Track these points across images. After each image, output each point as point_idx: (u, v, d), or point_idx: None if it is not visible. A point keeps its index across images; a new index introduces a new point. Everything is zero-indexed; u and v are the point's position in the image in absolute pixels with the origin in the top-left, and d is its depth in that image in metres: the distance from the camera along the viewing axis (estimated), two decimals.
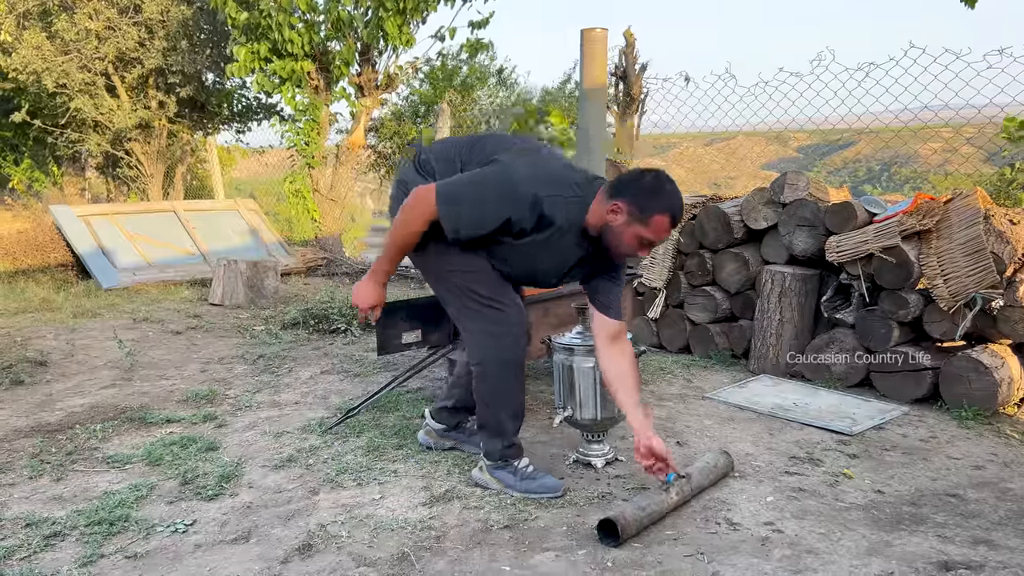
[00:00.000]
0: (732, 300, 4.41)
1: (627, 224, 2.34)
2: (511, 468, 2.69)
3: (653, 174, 2.39)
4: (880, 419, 3.42)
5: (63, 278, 6.87)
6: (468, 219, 2.37)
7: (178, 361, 4.48)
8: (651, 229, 2.34)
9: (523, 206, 2.34)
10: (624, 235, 2.36)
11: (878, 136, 5.35)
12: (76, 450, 3.12)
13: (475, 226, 2.39)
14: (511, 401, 2.65)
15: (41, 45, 8.66)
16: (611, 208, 2.34)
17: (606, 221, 2.37)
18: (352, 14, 7.23)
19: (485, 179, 2.39)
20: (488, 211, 2.36)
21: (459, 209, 2.36)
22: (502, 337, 2.57)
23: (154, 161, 10.02)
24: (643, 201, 2.31)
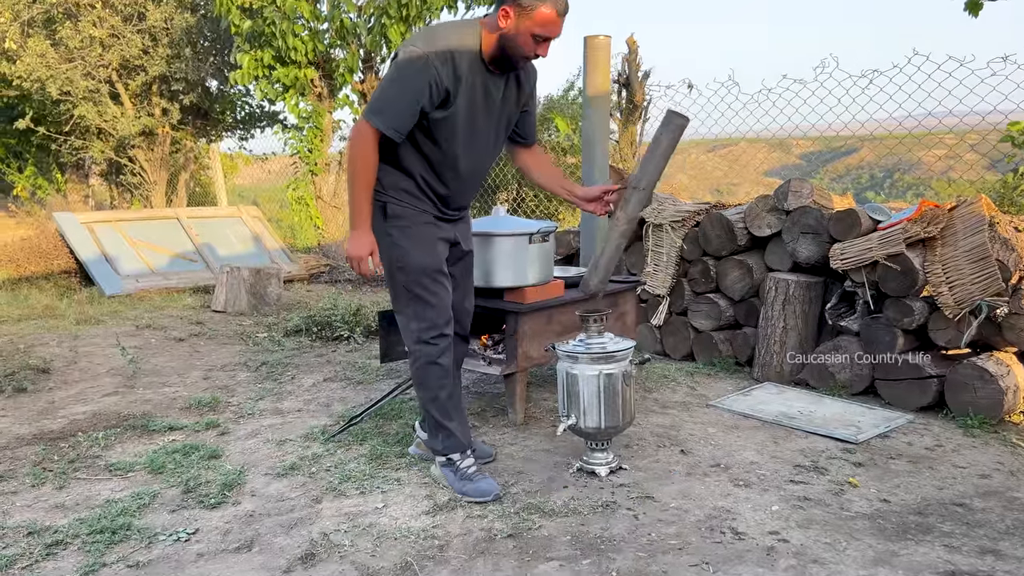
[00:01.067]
0: (736, 307, 4.40)
1: (517, 25, 2.44)
2: (452, 467, 2.78)
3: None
4: (885, 427, 3.40)
5: (66, 285, 6.87)
6: (398, 111, 2.47)
7: (181, 368, 4.47)
8: (539, 23, 2.44)
9: (430, 66, 2.44)
10: (519, 37, 2.46)
11: (881, 143, 5.35)
12: (78, 458, 3.11)
13: (408, 112, 2.48)
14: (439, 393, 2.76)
15: (45, 53, 8.69)
16: (500, 16, 2.45)
17: (500, 32, 2.47)
18: (355, 22, 7.25)
19: (391, 74, 2.50)
20: (409, 91, 2.45)
21: (387, 109, 2.47)
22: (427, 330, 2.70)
23: (157, 168, 10.04)
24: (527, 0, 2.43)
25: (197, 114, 10.18)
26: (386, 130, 2.47)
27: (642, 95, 5.77)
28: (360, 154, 2.51)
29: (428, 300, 2.68)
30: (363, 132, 2.49)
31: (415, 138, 2.59)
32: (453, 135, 2.59)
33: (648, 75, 5.75)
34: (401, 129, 2.49)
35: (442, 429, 2.78)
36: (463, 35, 2.51)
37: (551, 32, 2.48)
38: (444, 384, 2.77)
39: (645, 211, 4.67)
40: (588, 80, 3.17)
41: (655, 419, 3.54)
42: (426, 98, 2.47)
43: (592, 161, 4.43)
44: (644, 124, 5.91)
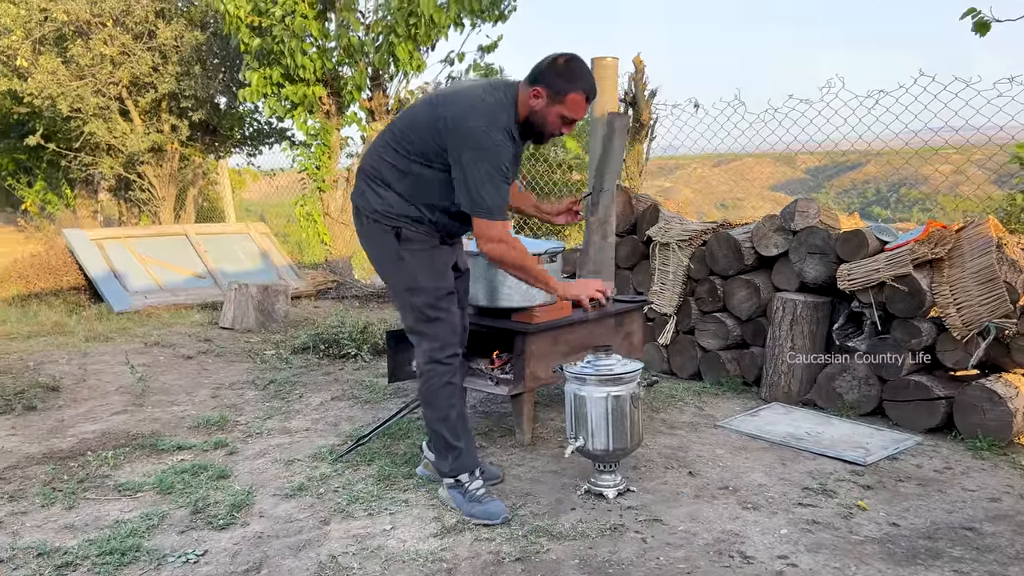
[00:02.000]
0: (743, 327, 4.40)
1: (548, 106, 2.60)
2: (461, 488, 2.79)
3: (566, 58, 2.62)
4: (894, 449, 3.39)
5: (75, 301, 6.91)
6: (501, 197, 2.58)
7: (189, 386, 4.49)
8: (568, 107, 2.60)
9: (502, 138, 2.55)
10: (548, 116, 2.62)
11: (887, 158, 5.35)
12: (88, 477, 3.12)
13: (506, 191, 2.60)
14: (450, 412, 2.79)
15: (56, 70, 8.77)
16: (532, 94, 2.59)
17: (530, 108, 2.61)
18: (363, 40, 7.31)
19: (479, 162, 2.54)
20: (500, 173, 2.56)
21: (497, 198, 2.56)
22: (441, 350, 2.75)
23: (166, 184, 10.10)
24: (559, 84, 2.57)
25: (206, 130, 10.25)
26: (506, 217, 2.61)
27: (648, 114, 5.78)
28: (516, 247, 2.63)
29: (441, 320, 2.75)
30: (500, 230, 2.58)
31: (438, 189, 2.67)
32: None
33: (655, 94, 5.76)
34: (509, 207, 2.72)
35: (452, 449, 2.80)
36: (509, 110, 2.61)
37: (578, 115, 2.64)
38: (454, 404, 2.80)
39: (652, 230, 4.68)
40: (596, 101, 3.19)
41: (663, 440, 3.54)
42: (509, 169, 2.61)
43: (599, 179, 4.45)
44: (650, 142, 5.91)
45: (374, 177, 2.75)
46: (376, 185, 2.73)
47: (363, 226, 2.80)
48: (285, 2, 7.16)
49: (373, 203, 2.73)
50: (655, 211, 4.75)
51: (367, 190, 2.76)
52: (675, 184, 22.97)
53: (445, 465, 2.82)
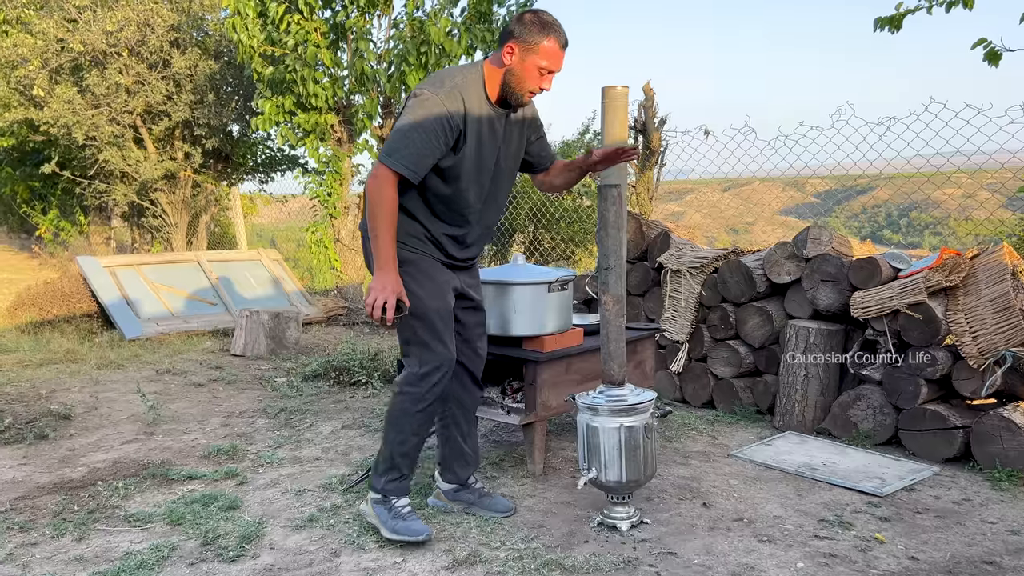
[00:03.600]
0: (756, 354, 4.37)
1: (522, 59, 2.56)
2: (388, 505, 2.78)
3: (532, 10, 2.59)
4: (911, 479, 3.34)
5: (88, 328, 6.94)
6: (416, 151, 2.51)
7: (200, 415, 4.48)
8: (543, 55, 2.56)
9: (444, 113, 2.51)
10: (525, 71, 2.57)
11: (897, 183, 5.34)
12: (98, 508, 3.11)
13: (426, 152, 2.52)
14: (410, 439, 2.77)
15: (72, 99, 8.89)
16: (505, 51, 2.57)
17: (505, 68, 2.58)
18: (375, 69, 7.37)
19: (404, 117, 2.53)
20: (425, 132, 2.50)
21: (403, 150, 2.50)
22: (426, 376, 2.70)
23: (179, 211, 10.18)
24: (531, 34, 2.54)
25: (219, 158, 10.35)
26: (403, 170, 2.51)
27: (658, 141, 5.81)
28: (380, 196, 2.52)
29: (433, 346, 2.70)
30: (381, 174, 2.52)
31: (425, 183, 2.63)
32: (463, 175, 2.66)
33: (664, 121, 5.79)
34: (419, 170, 2.54)
35: (396, 472, 2.79)
36: (468, 75, 2.61)
37: (554, 65, 2.59)
38: (421, 432, 2.78)
39: (663, 257, 4.68)
40: (606, 130, 3.19)
41: (676, 470, 3.51)
42: (441, 138, 2.53)
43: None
44: (661, 169, 5.93)
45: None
46: None
47: (365, 248, 2.79)
48: (298, 32, 7.24)
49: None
50: (666, 238, 4.75)
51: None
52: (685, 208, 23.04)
53: (380, 482, 2.79)
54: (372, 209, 2.53)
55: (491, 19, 7.47)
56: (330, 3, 7.51)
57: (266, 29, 7.39)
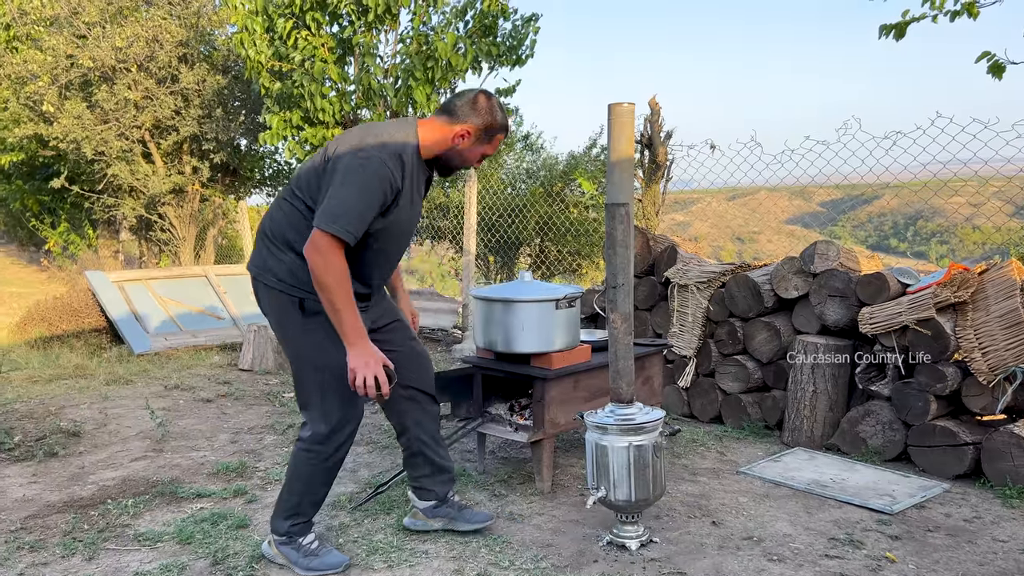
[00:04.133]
0: (764, 370, 4.36)
1: (473, 146, 2.61)
2: (295, 544, 2.70)
3: (484, 96, 2.60)
4: (921, 497, 3.33)
5: (97, 343, 6.97)
6: (358, 215, 2.39)
7: (208, 431, 4.49)
8: (492, 146, 2.66)
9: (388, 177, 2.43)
10: (469, 154, 2.64)
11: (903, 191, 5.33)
12: (108, 527, 3.12)
13: (367, 216, 2.42)
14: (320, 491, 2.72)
15: (82, 114, 8.97)
16: (460, 134, 2.56)
17: (453, 144, 2.58)
18: (382, 83, 7.41)
19: (345, 178, 2.41)
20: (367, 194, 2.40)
21: (345, 215, 2.37)
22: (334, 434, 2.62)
23: (186, 224, 10.24)
24: (489, 128, 2.59)
25: (226, 171, 10.41)
26: (347, 237, 2.37)
27: (664, 155, 5.82)
28: (330, 267, 2.36)
29: (342, 404, 2.59)
30: (326, 245, 2.36)
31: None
32: (388, 235, 2.58)
33: (670, 135, 5.80)
34: (358, 233, 2.41)
35: (300, 518, 2.71)
36: (406, 135, 2.53)
37: (493, 152, 2.72)
38: (331, 481, 2.73)
39: (670, 271, 4.68)
40: (613, 145, 3.21)
41: (685, 487, 3.50)
42: (381, 200, 2.44)
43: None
44: (667, 183, 5.94)
45: (274, 238, 2.59)
46: (276, 248, 2.57)
47: (265, 295, 2.61)
48: (305, 47, 7.29)
49: (275, 269, 2.56)
50: (673, 252, 4.75)
51: (267, 255, 2.59)
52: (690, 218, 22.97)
53: (283, 525, 2.70)
54: (325, 282, 2.37)
55: (496, 33, 7.52)
56: (337, 19, 7.57)
57: (274, 44, 7.45)
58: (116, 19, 9.12)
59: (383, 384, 2.41)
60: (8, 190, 12.66)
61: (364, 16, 7.34)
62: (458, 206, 8.72)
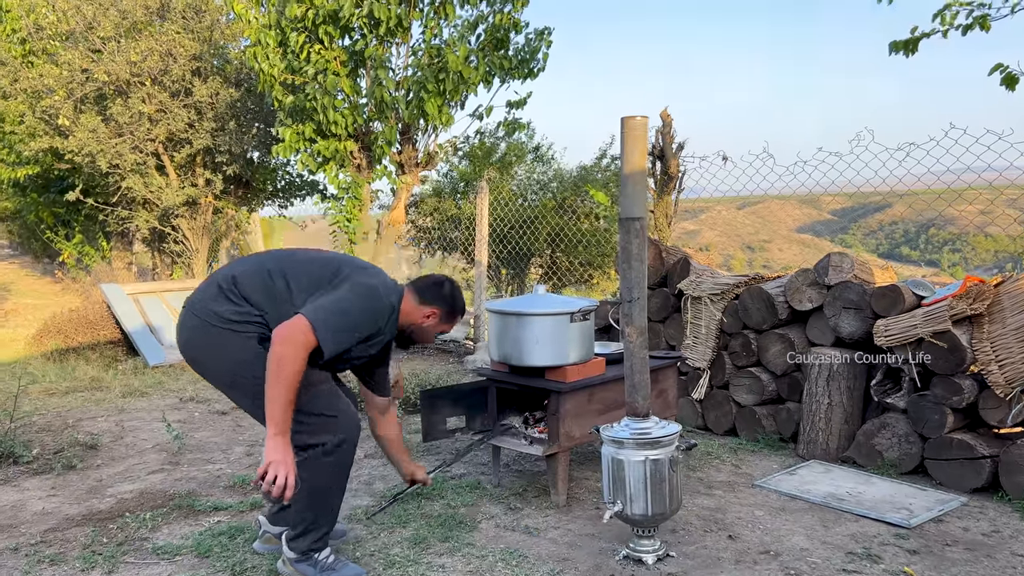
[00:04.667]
0: (778, 382, 4.35)
1: (436, 325, 2.93)
2: (311, 561, 2.72)
3: (449, 284, 2.94)
4: (938, 510, 3.31)
5: (112, 355, 7.01)
6: (346, 338, 2.56)
7: (224, 444, 4.51)
8: (449, 326, 2.98)
9: (385, 315, 2.71)
10: (431, 332, 2.94)
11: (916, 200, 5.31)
12: (127, 540, 3.14)
13: (352, 341, 2.60)
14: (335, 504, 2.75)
15: (96, 128, 9.04)
16: (428, 314, 2.87)
17: (419, 322, 2.88)
18: (394, 96, 7.46)
19: (352, 299, 2.59)
20: (360, 325, 2.61)
21: (338, 332, 2.51)
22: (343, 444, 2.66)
23: (199, 236, 10.30)
24: (449, 309, 2.92)
25: (239, 184, 10.48)
26: (329, 348, 2.48)
27: (676, 166, 5.83)
28: (293, 360, 2.40)
29: (331, 413, 2.64)
30: (302, 341, 2.42)
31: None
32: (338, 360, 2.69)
33: (682, 147, 5.81)
34: (338, 349, 2.52)
35: (320, 530, 2.72)
36: (395, 298, 2.76)
37: (448, 331, 3.03)
38: (343, 489, 2.77)
39: (683, 283, 4.68)
40: (626, 159, 3.23)
41: (700, 500, 3.49)
42: (369, 332, 2.65)
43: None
44: (679, 194, 5.95)
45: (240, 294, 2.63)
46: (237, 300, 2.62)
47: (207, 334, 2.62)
48: (318, 60, 7.35)
49: (228, 315, 2.59)
50: (686, 264, 4.76)
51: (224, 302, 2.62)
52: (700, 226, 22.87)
53: (303, 543, 2.70)
54: (280, 369, 2.39)
55: (508, 47, 7.56)
56: (349, 32, 7.63)
57: (287, 58, 7.51)
58: (131, 33, 9.21)
59: (289, 489, 2.38)
60: (23, 203, 12.77)
61: (376, 29, 7.40)
62: (469, 218, 8.75)
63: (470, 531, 3.17)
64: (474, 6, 7.47)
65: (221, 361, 2.65)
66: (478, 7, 7.47)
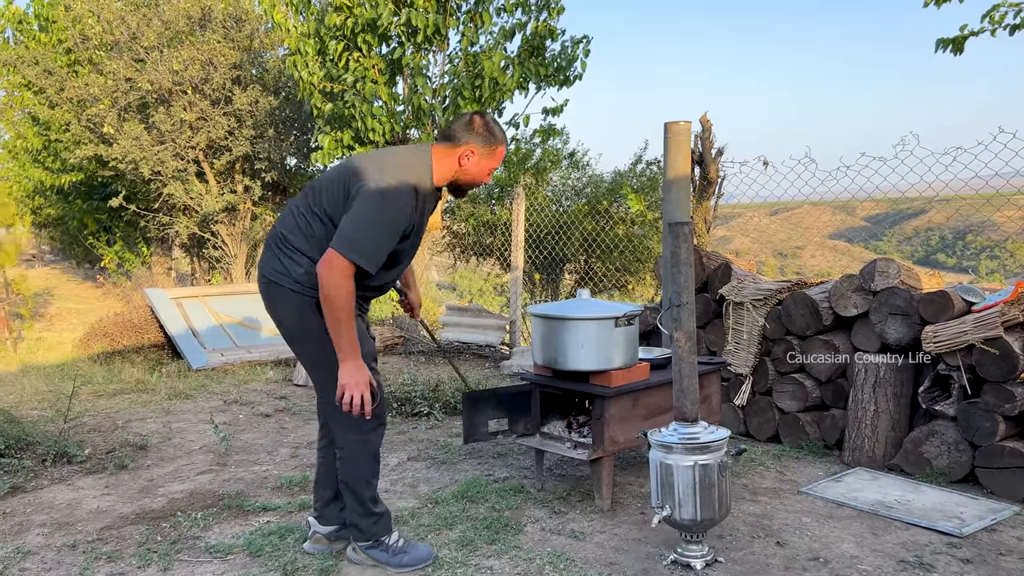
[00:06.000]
0: (822, 388, 4.32)
1: (478, 162, 2.77)
2: (382, 546, 2.85)
3: (479, 116, 2.78)
4: (991, 519, 3.26)
5: (156, 358, 7.15)
6: (379, 247, 2.59)
7: (269, 445, 4.58)
8: (496, 159, 2.82)
9: (411, 203, 2.64)
10: (477, 171, 2.79)
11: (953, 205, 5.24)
12: (180, 538, 3.20)
13: (388, 248, 2.61)
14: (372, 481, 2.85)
15: (140, 136, 9.24)
16: (463, 153, 2.73)
17: (460, 166, 2.76)
18: (431, 103, 7.53)
19: (366, 210, 2.57)
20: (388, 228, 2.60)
21: (368, 246, 2.56)
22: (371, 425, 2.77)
23: (238, 242, 10.47)
24: (488, 140, 2.76)
25: (276, 190, 10.63)
26: (367, 266, 2.56)
27: (716, 171, 5.81)
28: (339, 288, 2.52)
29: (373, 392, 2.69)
30: (340, 266, 2.52)
31: None
32: (401, 258, 2.79)
33: (722, 152, 5.80)
34: (378, 264, 2.60)
35: (374, 515, 2.85)
36: (422, 167, 2.71)
37: (498, 164, 2.87)
38: (378, 471, 2.88)
39: (724, 289, 4.67)
40: (669, 164, 3.24)
41: (746, 507, 3.48)
42: (399, 233, 2.64)
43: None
44: (718, 200, 5.93)
45: (284, 244, 2.73)
46: (291, 253, 2.70)
47: (279, 295, 2.73)
48: (356, 68, 7.44)
49: (291, 270, 2.69)
50: (727, 270, 4.74)
51: (281, 256, 2.72)
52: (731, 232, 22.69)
53: (366, 530, 2.84)
54: (333, 301, 2.52)
55: (544, 54, 7.59)
56: (387, 40, 7.71)
57: (325, 66, 7.61)
58: (173, 43, 9.41)
59: (367, 404, 2.55)
60: (67, 209, 13.07)
61: (413, 37, 7.47)
62: (505, 224, 8.78)
63: (516, 534, 3.19)
64: (510, 14, 7.51)
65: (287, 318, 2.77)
66: (514, 15, 7.52)
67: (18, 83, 11.46)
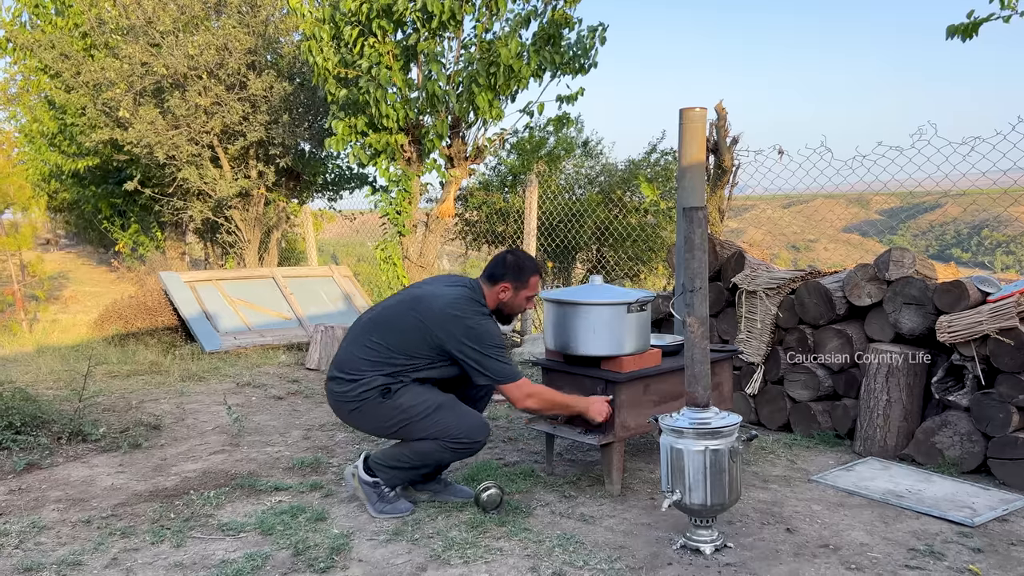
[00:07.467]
0: (835, 378, 4.30)
1: (515, 294, 3.27)
2: (379, 491, 3.22)
3: (511, 253, 3.30)
4: (1003, 510, 3.25)
5: (170, 341, 7.20)
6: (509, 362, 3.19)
7: (281, 427, 4.61)
8: (530, 288, 3.30)
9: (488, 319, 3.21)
10: (516, 301, 3.30)
11: (970, 198, 5.19)
12: (193, 516, 3.24)
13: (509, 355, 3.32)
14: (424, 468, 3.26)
15: (155, 120, 9.28)
16: (500, 290, 3.26)
17: (500, 300, 3.27)
18: (446, 90, 7.51)
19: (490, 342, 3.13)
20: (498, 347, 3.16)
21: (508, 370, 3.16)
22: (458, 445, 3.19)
23: (252, 227, 10.50)
24: (518, 275, 3.26)
25: (290, 176, 10.65)
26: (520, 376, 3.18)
27: (730, 160, 5.78)
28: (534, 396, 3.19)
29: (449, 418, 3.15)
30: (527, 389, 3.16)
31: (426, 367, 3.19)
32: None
33: (736, 140, 5.77)
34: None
35: (403, 476, 3.23)
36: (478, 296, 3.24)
37: (536, 291, 3.34)
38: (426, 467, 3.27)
39: (737, 277, 4.65)
40: (684, 150, 3.23)
41: (756, 494, 3.48)
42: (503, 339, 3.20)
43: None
44: (732, 188, 5.90)
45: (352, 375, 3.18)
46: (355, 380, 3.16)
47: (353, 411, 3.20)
48: (371, 54, 7.43)
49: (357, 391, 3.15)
50: (740, 258, 4.72)
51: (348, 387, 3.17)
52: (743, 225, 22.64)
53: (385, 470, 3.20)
54: (544, 406, 3.26)
55: (560, 42, 7.55)
56: (402, 26, 7.70)
57: (340, 52, 7.61)
58: (188, 28, 9.42)
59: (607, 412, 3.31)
60: (82, 193, 13.15)
61: (429, 23, 7.45)
62: (517, 211, 8.78)
63: (526, 517, 3.20)
64: (526, 1, 7.48)
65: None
66: (530, 1, 7.49)
67: (35, 67, 11.52)
